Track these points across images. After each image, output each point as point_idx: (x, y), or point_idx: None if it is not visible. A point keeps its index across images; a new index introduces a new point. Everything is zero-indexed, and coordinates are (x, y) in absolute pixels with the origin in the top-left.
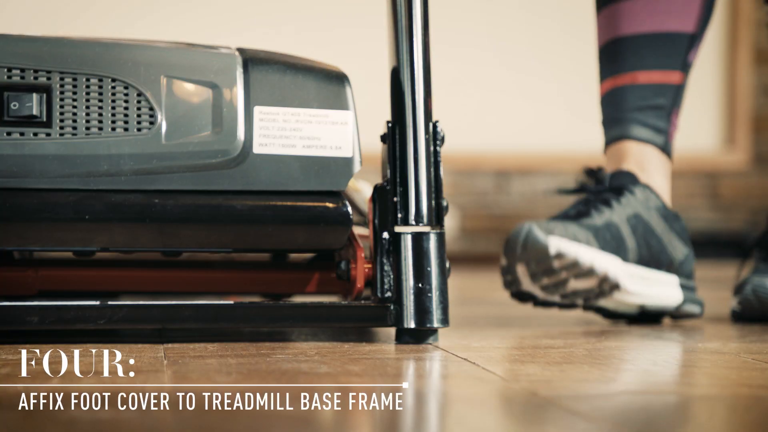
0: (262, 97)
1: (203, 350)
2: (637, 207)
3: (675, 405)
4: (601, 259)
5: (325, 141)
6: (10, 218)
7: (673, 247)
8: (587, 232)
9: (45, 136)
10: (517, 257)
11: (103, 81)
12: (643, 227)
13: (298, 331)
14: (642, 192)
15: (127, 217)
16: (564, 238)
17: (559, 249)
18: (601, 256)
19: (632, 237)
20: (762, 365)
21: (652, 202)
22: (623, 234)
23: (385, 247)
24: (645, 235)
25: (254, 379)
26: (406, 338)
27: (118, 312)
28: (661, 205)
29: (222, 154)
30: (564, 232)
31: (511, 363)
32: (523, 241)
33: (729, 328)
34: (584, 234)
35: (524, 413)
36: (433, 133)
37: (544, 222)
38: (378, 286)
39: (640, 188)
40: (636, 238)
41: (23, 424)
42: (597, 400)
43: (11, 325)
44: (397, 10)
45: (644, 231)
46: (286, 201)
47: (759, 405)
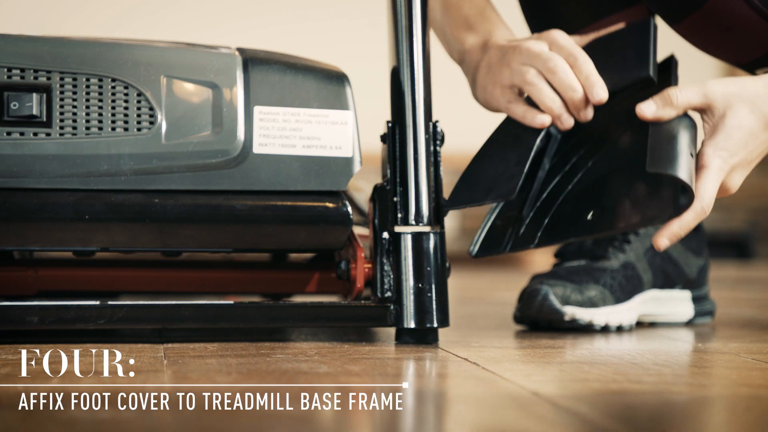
0: (262, 97)
1: (203, 350)
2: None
3: (675, 405)
4: (616, 316)
5: (325, 141)
6: (10, 218)
7: (688, 265)
8: (603, 289)
9: (45, 136)
10: (532, 316)
11: (103, 81)
12: (660, 257)
13: (298, 331)
14: None
15: (127, 217)
16: (580, 307)
17: (573, 317)
18: (614, 312)
19: (649, 270)
20: (762, 365)
21: None
22: (639, 271)
23: (385, 247)
24: (662, 264)
25: (254, 379)
26: (406, 338)
27: (118, 312)
28: None
29: (222, 154)
30: (581, 299)
31: (511, 363)
32: (538, 305)
33: (729, 328)
34: (600, 294)
35: (524, 413)
36: (433, 133)
37: (560, 285)
38: (378, 286)
39: None
40: (653, 269)
41: (23, 424)
42: (597, 400)
43: (11, 325)
44: (397, 10)
45: (661, 260)
46: (286, 201)
47: (759, 405)
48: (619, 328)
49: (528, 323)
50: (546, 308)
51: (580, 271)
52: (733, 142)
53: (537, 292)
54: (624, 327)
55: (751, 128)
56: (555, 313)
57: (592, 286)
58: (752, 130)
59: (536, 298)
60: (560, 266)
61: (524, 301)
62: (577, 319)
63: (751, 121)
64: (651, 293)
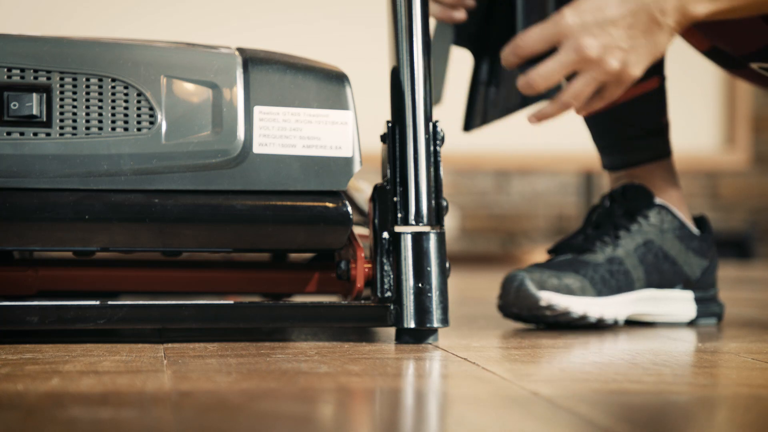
0: (262, 96)
1: (203, 350)
2: (649, 234)
3: (675, 404)
4: (594, 307)
5: (325, 141)
6: (10, 218)
7: (689, 265)
8: (583, 279)
9: (45, 136)
10: (510, 302)
11: (103, 81)
12: (654, 254)
13: (298, 331)
14: (657, 215)
15: (127, 217)
16: (556, 292)
17: (549, 302)
18: (594, 304)
19: (640, 267)
20: (762, 365)
21: (667, 224)
22: (628, 267)
23: (385, 247)
24: (656, 262)
25: (254, 379)
26: (406, 338)
27: (118, 312)
28: (677, 224)
29: (222, 153)
30: (557, 284)
31: (511, 363)
32: (515, 291)
33: (729, 328)
34: (579, 283)
35: (524, 413)
36: (433, 133)
37: (537, 272)
38: (378, 286)
39: (654, 211)
40: (644, 266)
41: (23, 424)
42: (597, 400)
43: (11, 325)
44: (397, 10)
45: (655, 258)
46: (286, 201)
47: (759, 405)
48: (599, 321)
49: (509, 313)
50: (522, 294)
51: (563, 263)
52: (585, 5)
53: (514, 278)
54: (606, 321)
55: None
56: (530, 298)
57: (571, 274)
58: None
59: (513, 284)
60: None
61: (503, 288)
62: (553, 305)
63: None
64: (647, 292)
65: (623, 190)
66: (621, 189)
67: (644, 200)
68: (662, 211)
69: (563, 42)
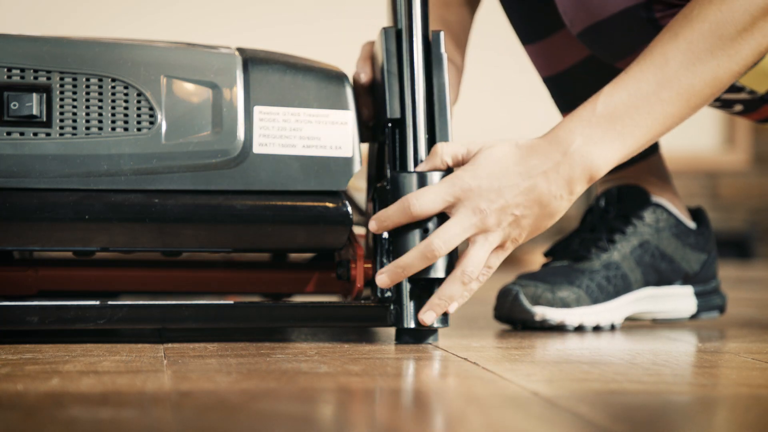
0: (262, 96)
1: (203, 350)
2: (644, 235)
3: (675, 404)
4: (591, 317)
5: (325, 141)
6: (10, 218)
7: (687, 261)
8: (578, 290)
9: (45, 136)
10: (505, 316)
11: (103, 81)
12: (651, 254)
13: (298, 331)
14: (652, 214)
15: (127, 217)
16: (550, 307)
17: (544, 317)
18: (590, 313)
19: (637, 269)
20: (762, 365)
21: (662, 222)
22: (625, 270)
23: (385, 247)
24: (653, 262)
25: (254, 379)
26: (406, 338)
27: (118, 312)
28: (673, 222)
29: (222, 154)
30: (551, 299)
31: (511, 363)
32: (509, 305)
33: (729, 328)
34: (574, 295)
35: (524, 413)
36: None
37: (531, 285)
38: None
39: (650, 210)
40: (642, 267)
41: (23, 424)
42: (597, 399)
43: (11, 325)
44: (397, 10)
45: (651, 258)
46: (286, 201)
47: (759, 405)
48: (596, 328)
49: (506, 323)
50: (516, 308)
51: (558, 273)
52: (482, 171)
53: (508, 292)
54: (602, 327)
55: (504, 158)
56: (525, 312)
57: (566, 287)
58: (505, 163)
59: (507, 298)
60: (546, 266)
61: (498, 301)
62: (548, 320)
63: (505, 150)
64: (645, 291)
65: (618, 192)
66: (615, 190)
67: (640, 200)
68: (657, 209)
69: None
